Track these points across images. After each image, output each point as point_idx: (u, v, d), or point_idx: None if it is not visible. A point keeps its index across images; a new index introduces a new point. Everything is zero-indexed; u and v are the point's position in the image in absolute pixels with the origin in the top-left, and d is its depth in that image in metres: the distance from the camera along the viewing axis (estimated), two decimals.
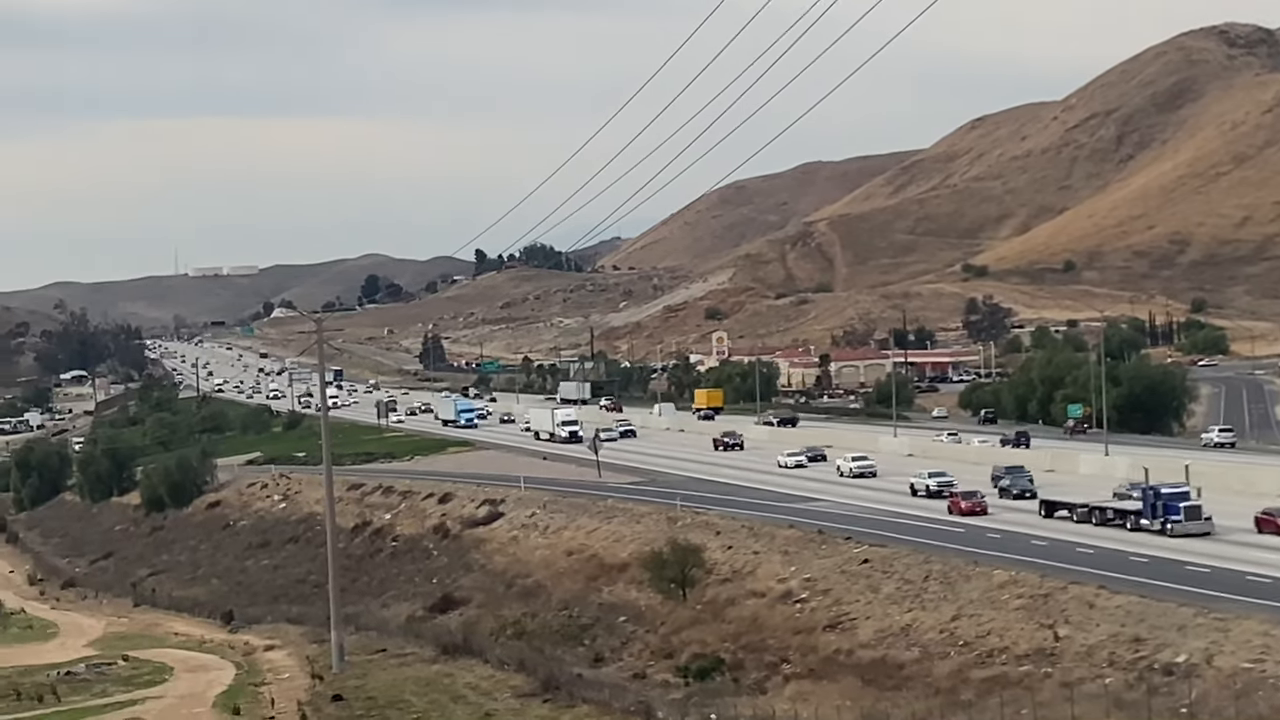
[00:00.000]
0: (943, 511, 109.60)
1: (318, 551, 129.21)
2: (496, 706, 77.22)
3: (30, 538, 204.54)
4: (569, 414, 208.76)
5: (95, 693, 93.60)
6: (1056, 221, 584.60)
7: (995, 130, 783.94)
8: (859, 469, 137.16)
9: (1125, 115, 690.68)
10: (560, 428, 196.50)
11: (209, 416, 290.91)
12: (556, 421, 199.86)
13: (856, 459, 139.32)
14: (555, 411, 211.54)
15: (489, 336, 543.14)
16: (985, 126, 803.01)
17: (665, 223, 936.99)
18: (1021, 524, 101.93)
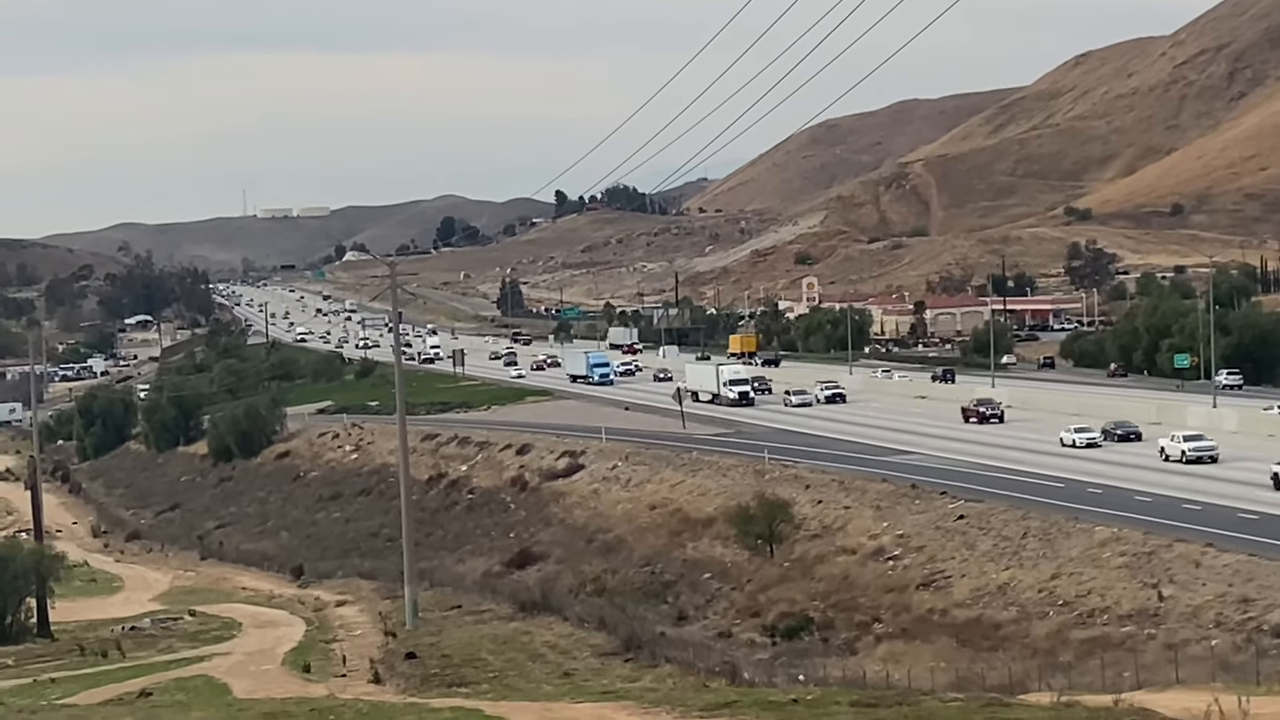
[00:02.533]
0: None
1: (391, 504, 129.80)
2: (576, 666, 77.32)
3: (94, 488, 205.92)
4: (737, 370, 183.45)
5: (161, 649, 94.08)
6: (1164, 163, 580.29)
7: (1100, 67, 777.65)
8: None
9: (1237, 51, 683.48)
10: (727, 387, 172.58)
11: (278, 363, 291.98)
12: (722, 380, 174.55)
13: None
14: (721, 368, 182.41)
15: (569, 282, 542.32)
16: (1089, 63, 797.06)
17: (753, 163, 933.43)
18: (1127, 478, 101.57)
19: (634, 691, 49.14)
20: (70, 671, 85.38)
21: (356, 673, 77.56)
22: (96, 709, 50.56)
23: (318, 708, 41.82)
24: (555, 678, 71.55)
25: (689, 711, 35.07)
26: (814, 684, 53.10)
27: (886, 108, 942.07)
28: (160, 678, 77.22)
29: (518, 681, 69.61)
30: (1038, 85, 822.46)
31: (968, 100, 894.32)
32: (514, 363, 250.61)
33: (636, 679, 69.05)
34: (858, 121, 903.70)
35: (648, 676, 70.29)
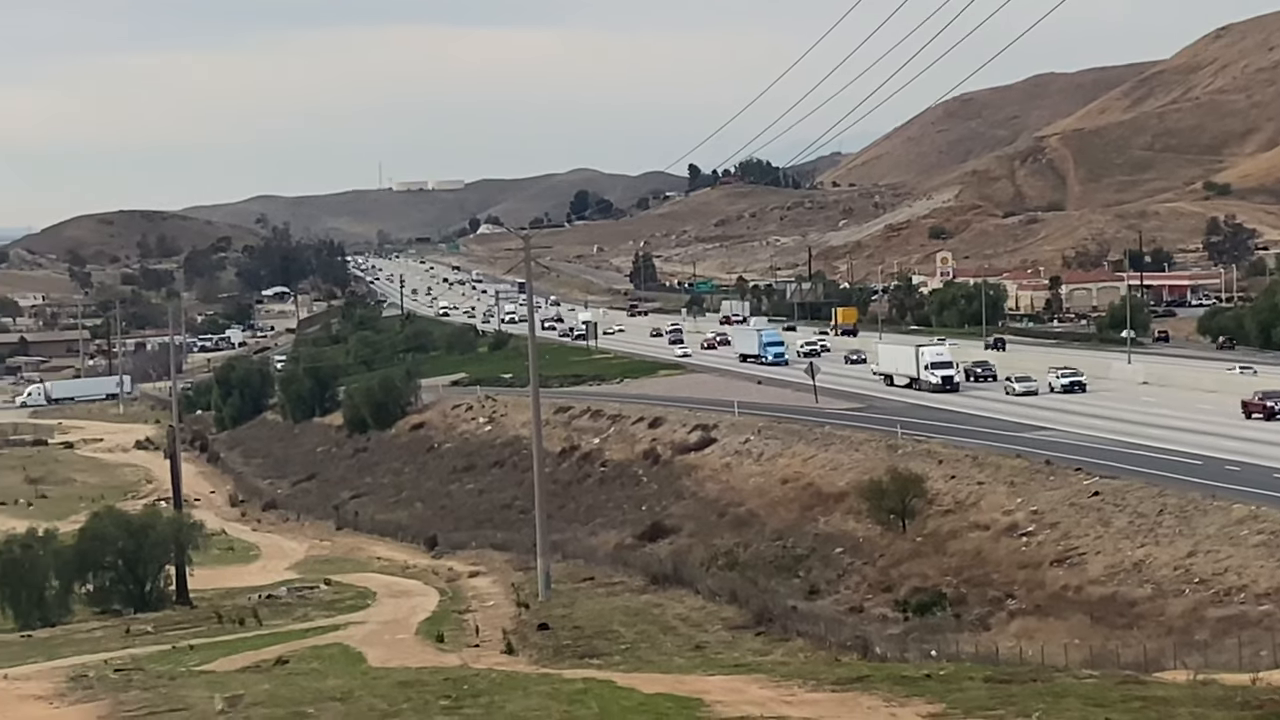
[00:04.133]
0: None
1: (524, 476, 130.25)
2: (707, 639, 77.39)
3: (231, 458, 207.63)
4: (940, 352, 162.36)
5: (297, 617, 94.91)
6: None
7: (1241, 40, 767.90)
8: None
9: None
10: (928, 371, 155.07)
11: (413, 335, 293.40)
12: (923, 362, 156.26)
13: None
14: (921, 349, 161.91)
15: (702, 255, 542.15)
16: (1230, 36, 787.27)
17: (888, 137, 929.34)
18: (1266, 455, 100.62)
19: (765, 665, 49.18)
20: (208, 639, 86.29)
21: (489, 643, 77.93)
22: (234, 676, 50.99)
23: (451, 677, 42.00)
24: (687, 650, 71.68)
25: (821, 685, 35.05)
26: (946, 659, 52.97)
27: (1022, 81, 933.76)
28: (296, 645, 77.92)
29: (649, 654, 69.76)
30: (1177, 58, 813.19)
31: (1105, 74, 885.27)
32: (680, 340, 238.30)
33: (768, 653, 69.08)
34: (993, 95, 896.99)
35: (779, 650, 70.30)
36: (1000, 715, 28.42)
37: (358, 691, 37.99)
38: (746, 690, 34.08)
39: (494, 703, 33.09)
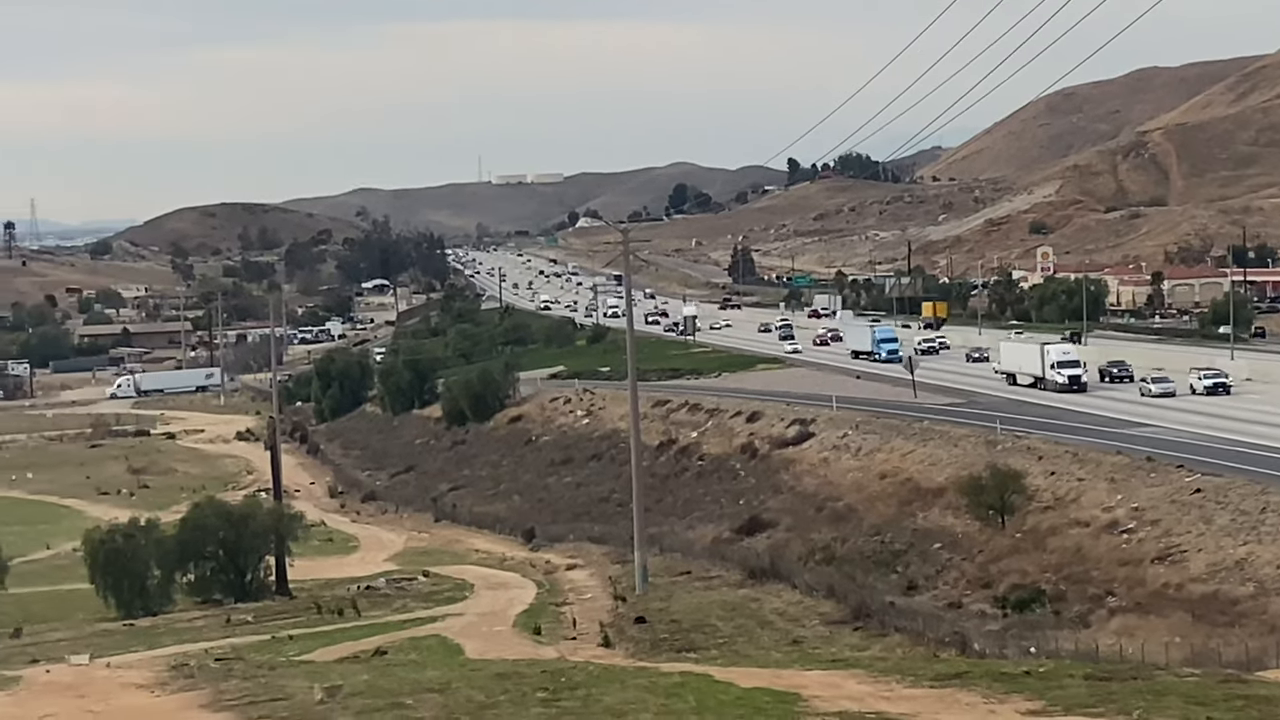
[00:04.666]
0: None
1: (621, 469, 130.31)
2: (805, 633, 77.35)
3: (331, 449, 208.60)
4: (1067, 351, 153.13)
5: (395, 608, 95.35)
6: None
7: None
8: None
9: None
10: (1054, 370, 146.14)
11: (511, 329, 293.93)
12: (1049, 361, 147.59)
13: None
14: (1047, 348, 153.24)
15: (800, 249, 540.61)
16: None
17: (988, 132, 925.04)
18: None
19: (863, 660, 49.06)
20: (308, 629, 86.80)
21: (586, 636, 78.09)
22: (333, 666, 51.25)
23: (549, 670, 42.08)
24: (784, 645, 71.63)
25: (919, 681, 34.92)
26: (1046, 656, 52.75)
27: (1124, 75, 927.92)
28: (395, 637, 78.28)
29: (746, 648, 69.74)
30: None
31: (1209, 68, 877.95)
32: (790, 336, 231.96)
33: (865, 648, 68.98)
34: (1095, 89, 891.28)
35: (876, 645, 70.18)
36: (1100, 713, 28.23)
37: (455, 683, 38.09)
38: (844, 685, 33.99)
39: (591, 695, 33.11)
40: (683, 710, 29.97)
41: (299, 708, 35.80)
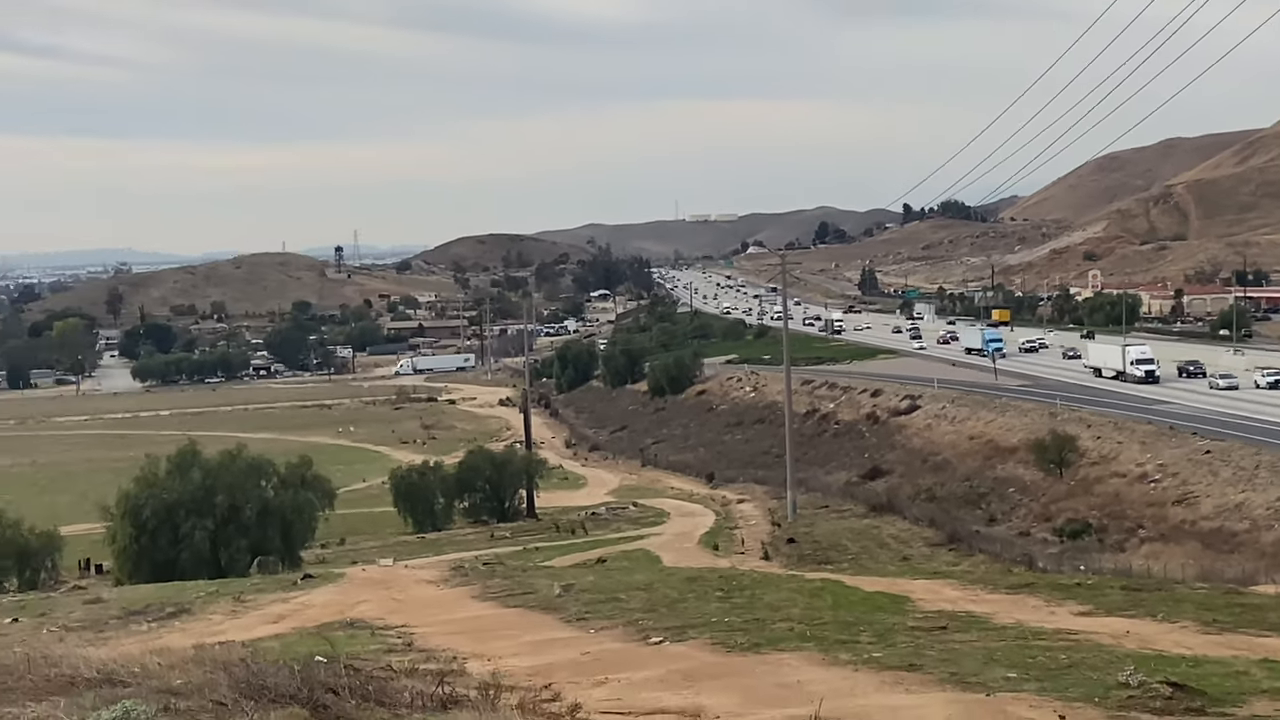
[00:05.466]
0: None
1: (778, 430, 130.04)
2: (912, 552, 76.85)
3: (566, 413, 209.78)
4: (1144, 350, 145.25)
5: (612, 529, 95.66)
6: None
7: None
8: None
9: None
10: (1133, 366, 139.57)
11: (698, 327, 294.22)
12: (1129, 359, 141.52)
13: None
14: (1127, 348, 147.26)
15: (912, 270, 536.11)
16: None
17: (1053, 184, 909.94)
18: None
19: (955, 573, 48.62)
20: (549, 543, 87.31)
21: (751, 551, 77.93)
22: (567, 569, 51.45)
23: (724, 575, 41.97)
24: (896, 560, 71.14)
25: (997, 589, 34.45)
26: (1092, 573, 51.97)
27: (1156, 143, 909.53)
28: (611, 549, 78.49)
29: (869, 562, 69.31)
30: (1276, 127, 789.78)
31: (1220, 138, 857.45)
32: (918, 336, 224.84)
33: (957, 564, 68.32)
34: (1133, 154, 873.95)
35: (965, 562, 69.53)
36: (1133, 615, 27.69)
37: (656, 583, 38.06)
38: (942, 591, 33.57)
39: (755, 595, 32.95)
40: (822, 606, 29.72)
41: (542, 599, 35.92)
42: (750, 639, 24.41)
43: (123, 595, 55.28)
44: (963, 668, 19.86)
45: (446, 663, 23.11)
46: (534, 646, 26.00)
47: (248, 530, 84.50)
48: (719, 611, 29.26)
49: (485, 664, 22.22)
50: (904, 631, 24.94)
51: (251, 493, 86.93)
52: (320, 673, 16.85)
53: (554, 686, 19.35)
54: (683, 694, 18.32)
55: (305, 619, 36.62)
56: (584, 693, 18.68)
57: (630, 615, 29.80)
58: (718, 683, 19.24)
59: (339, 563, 73.57)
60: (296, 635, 31.47)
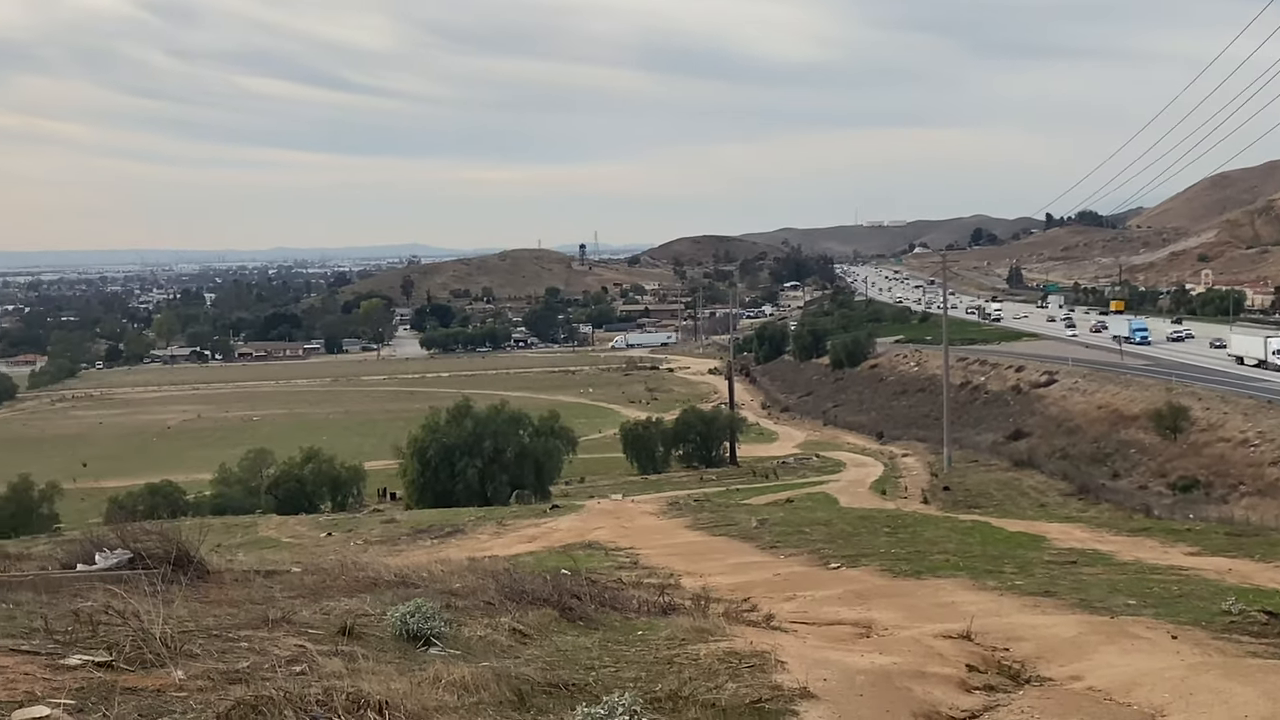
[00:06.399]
0: None
1: (936, 398, 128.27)
2: (1047, 501, 75.35)
3: (763, 381, 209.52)
4: None
5: (798, 475, 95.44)
6: None
7: None
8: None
9: None
10: (1275, 356, 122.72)
11: (872, 312, 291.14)
12: (1270, 349, 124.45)
13: None
14: (1269, 339, 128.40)
15: (1052, 269, 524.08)
16: None
17: (1172, 198, 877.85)
18: None
19: (1084, 518, 47.59)
20: (747, 485, 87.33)
21: (913, 497, 77.13)
22: (762, 507, 51.44)
23: (890, 515, 41.65)
24: (1034, 507, 69.79)
25: (1120, 532, 33.65)
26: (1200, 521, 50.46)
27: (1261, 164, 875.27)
28: (798, 492, 78.26)
29: (1011, 508, 68.07)
30: None
31: None
32: (1072, 325, 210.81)
33: (1086, 511, 66.78)
34: (1242, 173, 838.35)
35: (1093, 510, 67.92)
36: (1235, 555, 26.85)
37: (834, 520, 37.90)
38: (1073, 533, 32.88)
39: (916, 531, 32.63)
40: (972, 542, 29.33)
41: (742, 530, 35.98)
42: (912, 567, 24.21)
43: (411, 517, 56.63)
44: (1090, 595, 19.52)
45: (665, 578, 23.29)
46: (735, 568, 26.08)
47: (508, 468, 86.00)
48: (886, 544, 29.06)
49: (696, 580, 22.35)
50: (1041, 565, 24.53)
51: (512, 439, 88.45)
52: (566, 582, 17.10)
53: (752, 600, 19.40)
54: (857, 609, 18.26)
55: (553, 540, 37.19)
56: (776, 606, 18.70)
57: (813, 545, 29.73)
58: (886, 601, 19.13)
59: (579, 497, 74.45)
60: (546, 552, 31.97)
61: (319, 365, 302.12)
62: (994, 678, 13.03)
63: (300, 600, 14.22)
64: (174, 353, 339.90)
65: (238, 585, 15.06)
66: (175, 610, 11.76)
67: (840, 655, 13.35)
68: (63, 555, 16.27)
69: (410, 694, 9.62)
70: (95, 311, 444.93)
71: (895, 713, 11.01)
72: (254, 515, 69.11)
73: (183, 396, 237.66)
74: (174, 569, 14.26)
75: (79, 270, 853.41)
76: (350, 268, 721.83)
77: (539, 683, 10.57)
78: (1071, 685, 12.61)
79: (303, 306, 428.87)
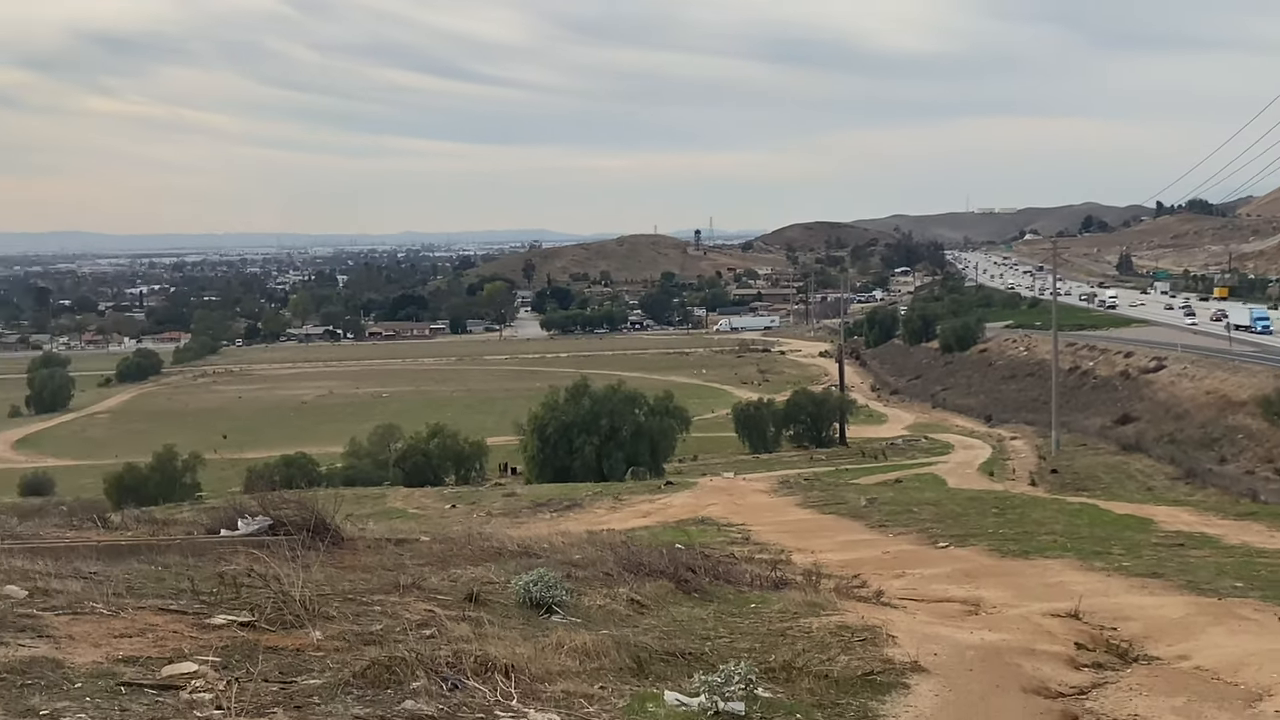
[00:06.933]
0: None
1: (1044, 383, 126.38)
2: (1155, 485, 73.94)
3: (872, 364, 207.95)
4: None
5: (907, 456, 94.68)
6: None
7: None
8: None
9: None
10: None
11: (981, 298, 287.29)
12: None
13: None
14: None
15: (1161, 256, 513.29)
16: None
17: None
18: None
19: (1191, 502, 46.65)
20: (856, 465, 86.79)
21: (1020, 479, 76.19)
22: (871, 486, 51.16)
23: (998, 496, 41.17)
24: (1141, 490, 68.56)
25: (1227, 516, 32.94)
26: None
27: None
28: (906, 472, 77.66)
29: (1118, 491, 66.90)
30: None
31: None
32: (1191, 314, 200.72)
33: (1193, 495, 65.42)
34: None
35: (1200, 494, 66.49)
36: None
37: (942, 500, 37.58)
38: (1180, 516, 32.25)
39: (1024, 512, 32.24)
40: (1080, 524, 28.91)
41: (851, 508, 35.81)
42: (1020, 547, 23.93)
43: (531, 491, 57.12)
44: (1197, 577, 19.16)
45: (776, 554, 23.28)
46: (844, 545, 25.97)
47: (624, 446, 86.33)
48: (994, 524, 28.75)
49: (806, 556, 22.30)
50: (1148, 546, 24.11)
51: (627, 417, 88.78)
52: (681, 556, 17.17)
53: (861, 576, 19.33)
54: (965, 587, 18.11)
55: (667, 515, 37.30)
56: (885, 582, 18.61)
57: (921, 524, 29.51)
58: (994, 580, 18.95)
59: (692, 474, 74.55)
60: (660, 527, 32.08)
61: (444, 345, 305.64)
62: (1102, 656, 12.88)
63: (429, 568, 14.45)
64: (308, 331, 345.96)
65: (370, 552, 15.35)
66: (313, 575, 12.02)
67: (950, 631, 13.27)
68: (207, 521, 16.70)
69: (534, 658, 9.74)
70: (235, 292, 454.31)
71: (1005, 687, 10.93)
72: (382, 487, 70.24)
73: (316, 373, 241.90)
74: (311, 536, 14.57)
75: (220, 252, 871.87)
76: (475, 251, 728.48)
77: (657, 651, 10.65)
78: (1179, 664, 12.43)
79: (429, 288, 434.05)
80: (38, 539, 14.94)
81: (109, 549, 14.13)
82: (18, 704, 8.28)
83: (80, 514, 19.38)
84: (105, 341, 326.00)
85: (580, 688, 9.42)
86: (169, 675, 9.05)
